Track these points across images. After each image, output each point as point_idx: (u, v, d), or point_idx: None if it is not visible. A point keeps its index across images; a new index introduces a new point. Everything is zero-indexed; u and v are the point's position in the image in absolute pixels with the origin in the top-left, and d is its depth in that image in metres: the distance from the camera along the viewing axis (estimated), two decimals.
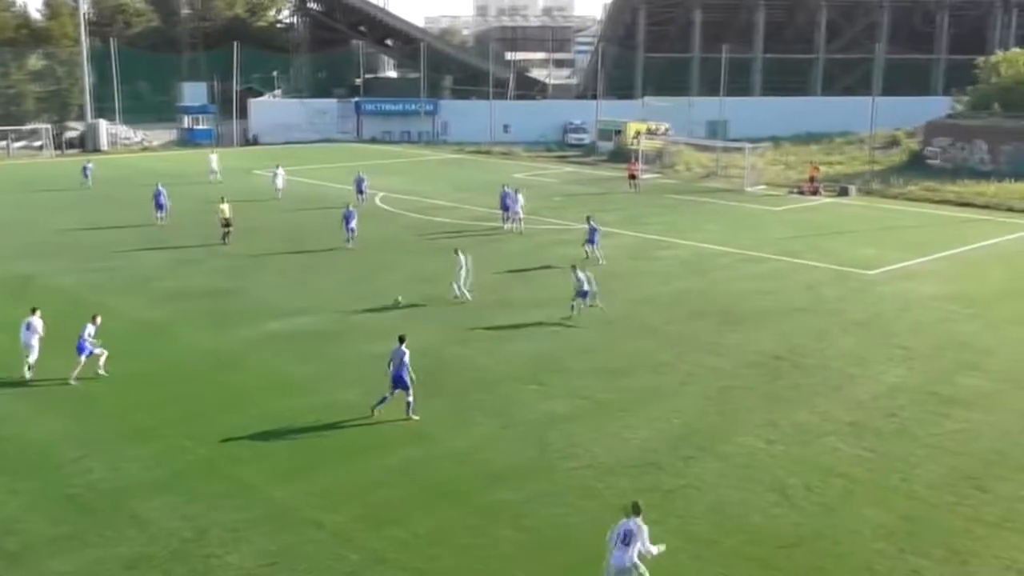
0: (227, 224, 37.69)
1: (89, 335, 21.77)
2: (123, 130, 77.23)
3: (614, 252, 36.53)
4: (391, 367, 19.72)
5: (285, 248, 36.93)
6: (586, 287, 27.19)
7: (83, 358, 21.58)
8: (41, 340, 21.91)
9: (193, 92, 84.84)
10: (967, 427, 19.63)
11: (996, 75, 68.61)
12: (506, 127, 79.07)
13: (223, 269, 32.69)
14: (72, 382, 21.49)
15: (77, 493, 16.49)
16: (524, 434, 19.14)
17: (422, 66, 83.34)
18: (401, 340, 19.88)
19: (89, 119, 75.87)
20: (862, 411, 20.47)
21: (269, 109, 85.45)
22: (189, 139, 79.30)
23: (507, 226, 40.74)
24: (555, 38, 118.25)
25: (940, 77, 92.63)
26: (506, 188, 41.98)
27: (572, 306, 27.16)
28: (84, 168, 54.00)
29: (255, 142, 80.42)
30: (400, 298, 28.51)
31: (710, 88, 77.79)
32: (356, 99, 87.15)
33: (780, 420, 19.91)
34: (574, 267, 28.09)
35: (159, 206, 41.16)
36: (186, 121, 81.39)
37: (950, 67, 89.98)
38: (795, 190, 53.97)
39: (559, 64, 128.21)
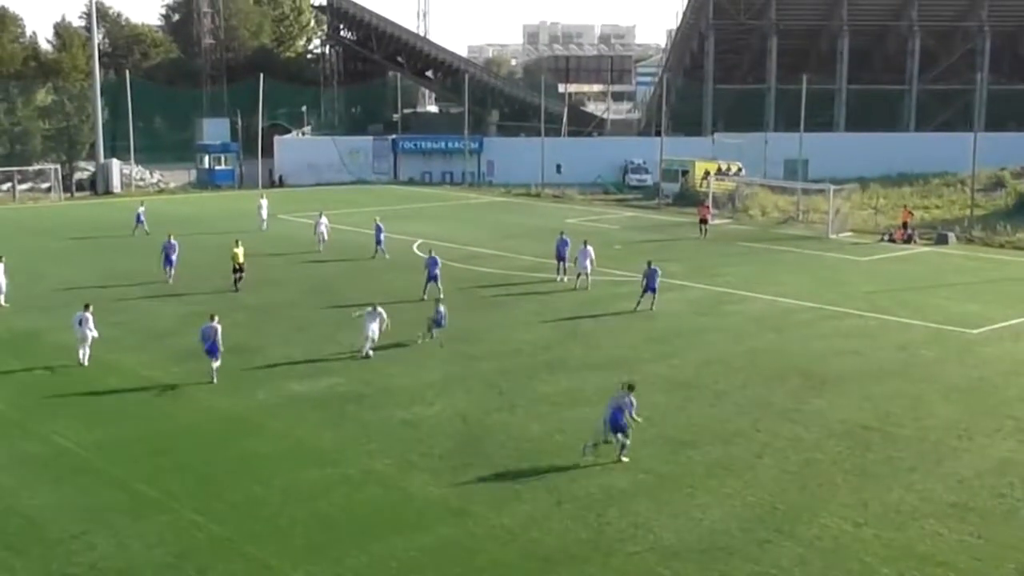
0: (239, 269, 38.26)
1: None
2: (137, 171, 78.84)
3: (679, 306, 36.38)
4: (609, 411, 21.19)
5: (311, 301, 37.23)
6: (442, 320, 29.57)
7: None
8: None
9: (214, 129, 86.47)
10: None
11: None
12: (559, 167, 79.32)
13: (243, 323, 32.96)
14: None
15: (79, 574, 16.53)
16: (578, 512, 18.93)
17: (465, 100, 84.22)
18: (630, 388, 21.43)
19: (101, 159, 77.46)
20: (966, 490, 19.99)
21: (297, 147, 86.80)
22: (209, 180, 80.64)
23: (560, 278, 40.71)
24: (614, 68, 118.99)
25: None
26: (563, 236, 41.99)
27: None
28: (137, 214, 53.21)
29: (281, 183, 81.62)
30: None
31: (788, 123, 77.69)
32: (393, 136, 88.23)
33: (870, 499, 19.50)
34: (438, 300, 30.01)
35: (168, 261, 40.33)
36: (206, 161, 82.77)
37: None
38: (885, 237, 53.52)
39: (618, 97, 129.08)
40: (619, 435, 21.17)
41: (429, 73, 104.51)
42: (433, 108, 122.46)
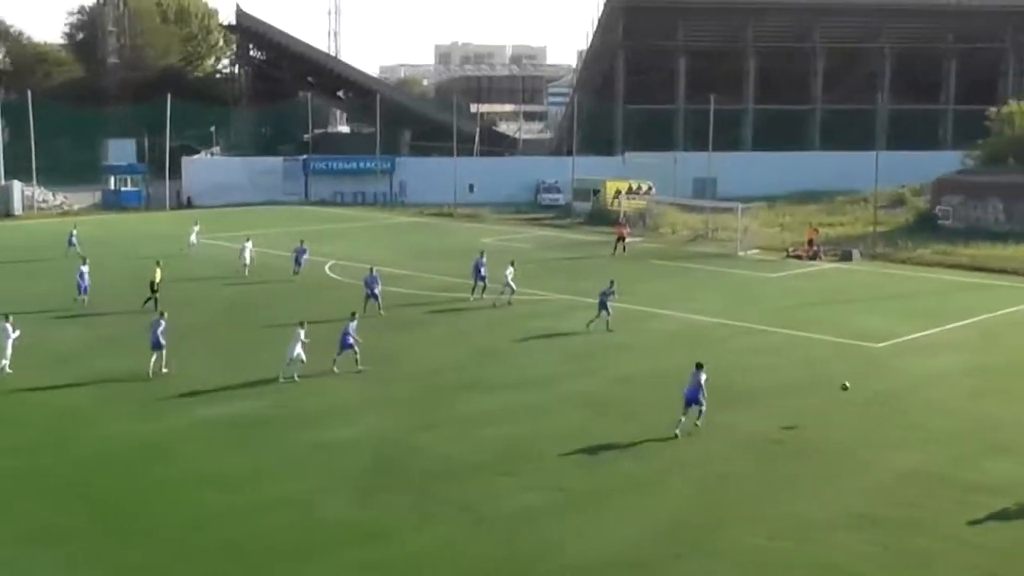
0: (155, 290, 37.94)
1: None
2: (40, 192, 77.01)
3: (593, 325, 36.62)
4: (687, 389, 24.36)
5: (225, 323, 36.76)
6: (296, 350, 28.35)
7: None
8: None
9: (120, 150, 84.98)
10: (992, 517, 19.61)
11: (1010, 127, 70.14)
12: (471, 187, 79.51)
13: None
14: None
15: None
16: (493, 531, 18.92)
17: (377, 120, 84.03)
18: (699, 367, 24.66)
19: (1, 181, 75.58)
20: (873, 501, 20.42)
21: (206, 168, 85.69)
22: (115, 202, 79.16)
23: (475, 296, 40.80)
24: (526, 88, 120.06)
25: (949, 129, 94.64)
26: (481, 255, 42.17)
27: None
28: (70, 236, 51.69)
29: (189, 204, 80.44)
30: (847, 383, 27.30)
31: (697, 142, 78.90)
32: (304, 157, 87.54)
33: (781, 512, 19.81)
34: (301, 323, 29.08)
35: (81, 285, 39.50)
36: (112, 182, 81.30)
37: (959, 118, 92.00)
38: (792, 254, 54.50)
39: (530, 117, 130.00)
40: (694, 407, 24.43)
41: (340, 93, 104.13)
42: (345, 128, 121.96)
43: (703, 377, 24.55)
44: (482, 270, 40.89)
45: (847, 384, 27.00)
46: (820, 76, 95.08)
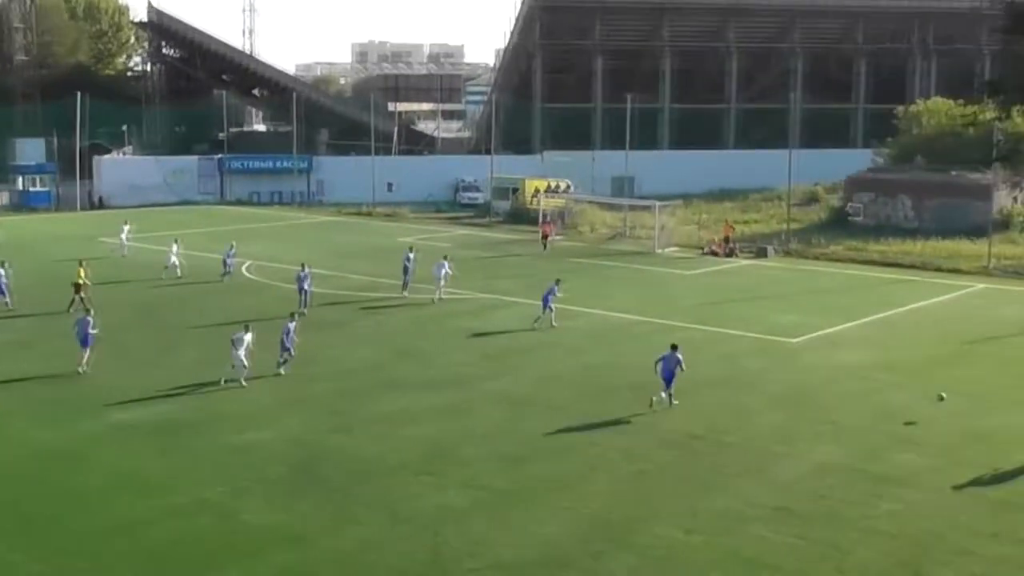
0: (78, 290, 37.48)
1: None
2: None
3: (514, 323, 36.74)
4: (661, 368, 25.98)
5: (138, 325, 36.11)
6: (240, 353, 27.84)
7: None
8: None
9: (29, 149, 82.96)
10: (902, 507, 20.09)
11: (918, 126, 71.87)
12: (390, 186, 79.23)
13: (65, 351, 31.65)
14: None
15: None
16: (416, 532, 18.88)
17: (294, 119, 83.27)
18: (675, 347, 26.30)
19: None
20: (789, 494, 20.79)
21: (118, 168, 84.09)
22: (24, 202, 77.39)
23: (405, 293, 41.13)
24: (444, 87, 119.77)
25: (860, 128, 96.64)
26: (410, 252, 42.87)
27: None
28: None
29: (101, 205, 78.91)
30: (943, 394, 27.05)
31: (615, 141, 79.50)
32: (219, 156, 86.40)
33: (699, 507, 20.07)
34: (247, 326, 28.75)
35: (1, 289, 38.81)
36: (20, 182, 79.45)
37: (869, 117, 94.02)
38: (709, 252, 55.18)
39: (449, 116, 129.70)
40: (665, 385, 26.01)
41: (256, 91, 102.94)
42: (261, 127, 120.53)
43: (680, 358, 26.20)
44: (410, 267, 41.43)
45: (943, 395, 26.90)
46: (735, 76, 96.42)
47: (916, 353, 33.10)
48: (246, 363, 28.09)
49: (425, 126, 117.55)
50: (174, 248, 46.67)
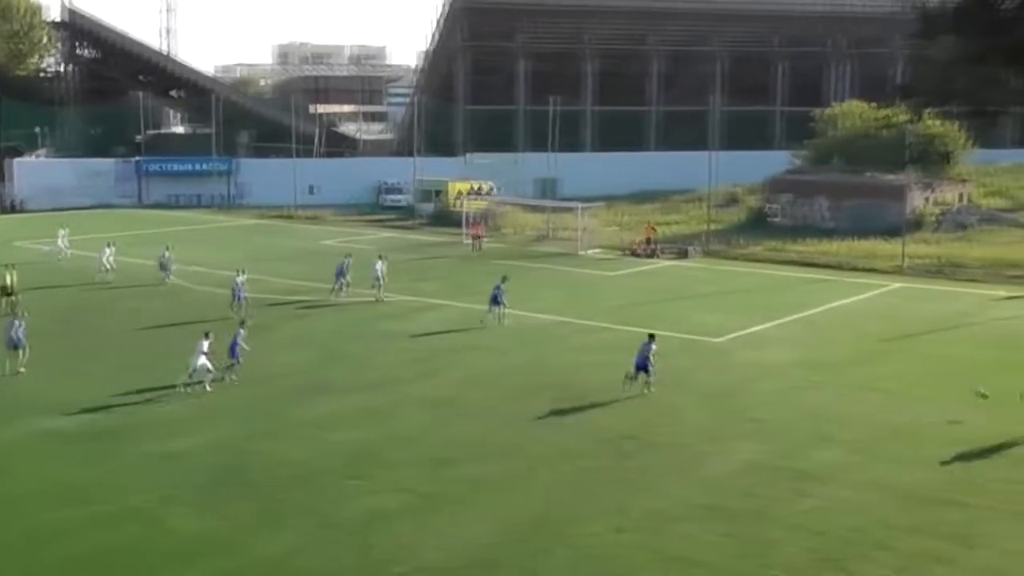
0: (8, 293, 37.57)
1: None
2: None
3: (439, 325, 36.74)
4: (637, 357, 27.49)
5: (62, 331, 35.36)
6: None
7: None
8: None
9: None
10: (825, 504, 20.50)
11: (834, 128, 73.26)
12: (313, 188, 78.57)
13: None
14: None
15: None
16: (344, 536, 18.81)
17: (214, 120, 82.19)
18: (651, 337, 28.09)
19: None
20: (717, 492, 21.09)
21: (34, 171, 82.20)
22: None
23: (334, 297, 41.27)
24: (367, 89, 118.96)
25: (778, 130, 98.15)
26: (348, 256, 43.27)
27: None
28: None
29: (16, 208, 77.15)
30: (982, 389, 26.55)
31: (538, 143, 79.81)
32: (138, 158, 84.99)
33: (630, 506, 20.27)
34: (207, 333, 28.73)
35: None
36: None
37: (788, 119, 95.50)
38: (632, 253, 55.63)
39: (371, 118, 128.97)
40: (643, 374, 27.52)
41: (175, 93, 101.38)
42: (181, 129, 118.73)
43: (653, 348, 27.81)
44: (346, 270, 41.85)
45: (983, 391, 26.71)
46: (656, 78, 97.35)
47: (835, 351, 33.74)
48: (210, 367, 27.87)
49: (347, 128, 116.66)
50: (107, 252, 45.91)
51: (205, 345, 28.03)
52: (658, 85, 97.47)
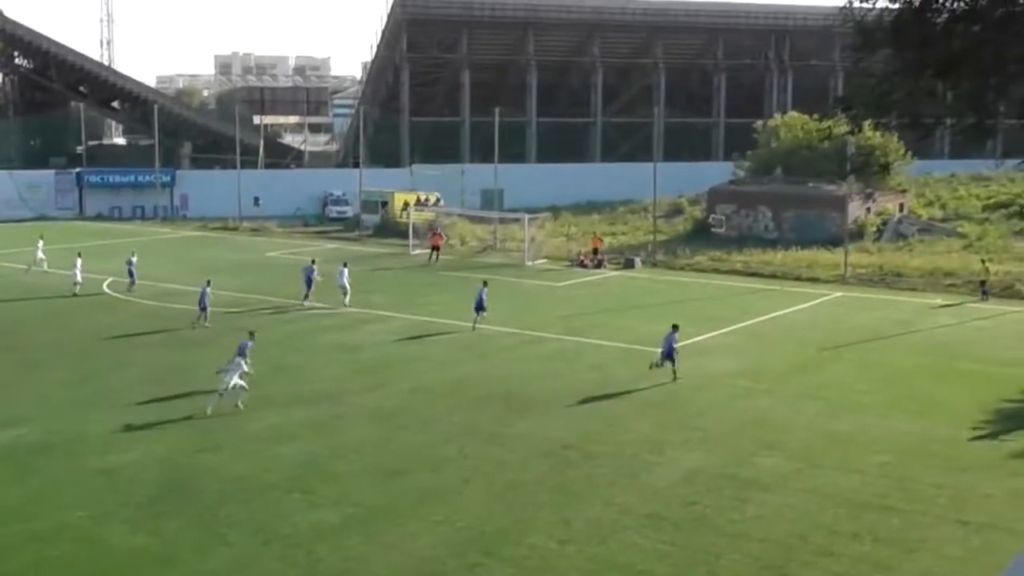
0: None
1: None
2: None
3: (384, 337, 36.57)
4: (664, 347, 30.44)
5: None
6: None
7: None
8: None
9: None
10: (767, 511, 20.63)
11: (776, 139, 74.02)
12: (256, 200, 77.89)
13: None
14: None
15: None
16: (287, 551, 18.60)
17: (155, 131, 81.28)
18: (675, 328, 31.00)
19: None
20: (660, 501, 21.15)
21: None
22: None
23: (307, 303, 42.03)
24: (310, 100, 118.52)
25: (720, 141, 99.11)
26: (312, 264, 43.82)
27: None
28: None
29: None
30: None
31: (483, 154, 79.82)
32: (77, 170, 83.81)
33: (573, 516, 20.26)
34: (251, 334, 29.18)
35: None
36: None
37: (729, 131, 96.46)
38: (577, 263, 55.79)
39: (315, 129, 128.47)
40: (668, 362, 30.28)
41: (115, 104, 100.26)
42: (121, 140, 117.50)
43: (676, 336, 30.61)
44: (313, 280, 42.41)
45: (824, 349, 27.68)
46: (600, 90, 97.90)
47: (778, 360, 34.02)
48: (244, 385, 27.43)
49: (291, 139, 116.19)
50: (78, 263, 45.22)
51: (243, 363, 27.70)
52: (602, 96, 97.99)
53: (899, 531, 19.73)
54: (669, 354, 30.31)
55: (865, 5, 17.83)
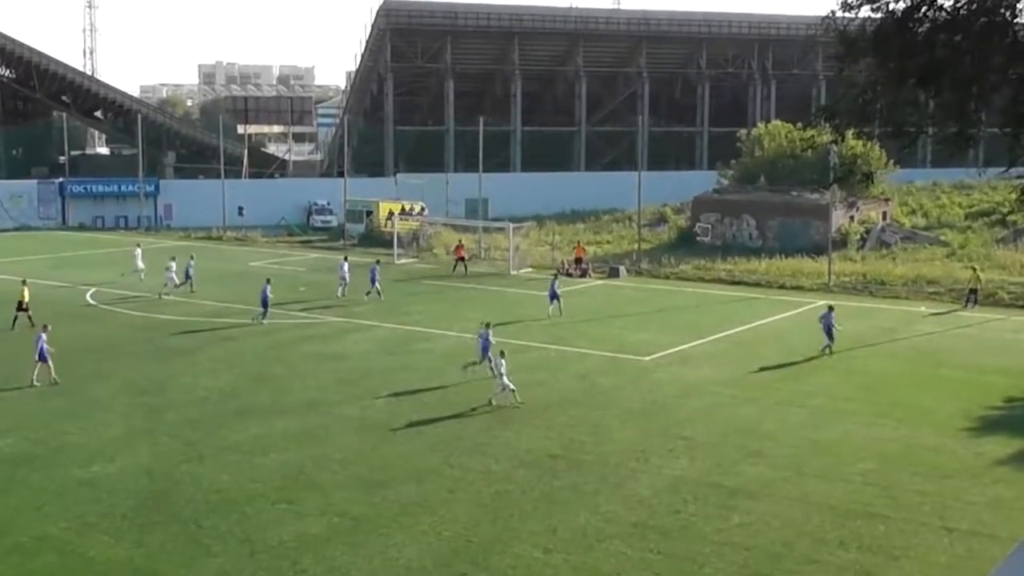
0: (22, 308, 38.18)
1: None
2: None
3: (368, 346, 36.50)
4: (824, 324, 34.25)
5: None
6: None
7: None
8: None
9: None
10: (753, 519, 20.63)
11: (759, 148, 74.33)
12: (240, 209, 77.71)
13: None
14: None
15: None
16: (272, 561, 18.51)
17: (139, 141, 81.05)
18: (830, 308, 35.00)
19: None
20: (645, 509, 21.13)
21: None
22: None
23: (340, 295, 45.29)
24: (294, 109, 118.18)
25: (704, 150, 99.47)
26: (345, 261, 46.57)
27: None
28: None
29: None
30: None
31: (468, 163, 79.93)
32: (60, 179, 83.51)
33: (559, 525, 20.23)
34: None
35: None
36: None
37: (713, 139, 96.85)
38: (562, 272, 55.72)
39: (300, 138, 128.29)
40: (826, 337, 35.18)
41: (99, 113, 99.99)
42: (104, 150, 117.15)
43: (833, 316, 35.64)
44: (347, 276, 45.73)
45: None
46: (584, 99, 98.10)
47: (758, 368, 34.04)
48: (512, 386, 28.27)
49: (276, 148, 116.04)
50: (172, 266, 47.23)
51: (502, 362, 28.81)
52: (586, 105, 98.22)
53: (884, 538, 19.76)
54: (828, 331, 34.99)
55: (848, 15, 17.93)
